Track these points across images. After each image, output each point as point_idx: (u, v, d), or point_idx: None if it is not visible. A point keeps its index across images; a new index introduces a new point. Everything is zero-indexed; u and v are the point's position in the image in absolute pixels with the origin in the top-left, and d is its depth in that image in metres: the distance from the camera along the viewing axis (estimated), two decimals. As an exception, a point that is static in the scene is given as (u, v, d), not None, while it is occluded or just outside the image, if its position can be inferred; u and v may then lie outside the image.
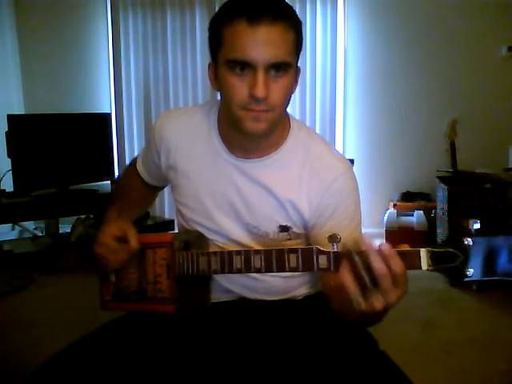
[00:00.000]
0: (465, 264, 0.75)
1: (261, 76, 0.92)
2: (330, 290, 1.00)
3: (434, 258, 0.77)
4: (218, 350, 1.10)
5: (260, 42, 0.91)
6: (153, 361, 1.04)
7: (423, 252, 0.78)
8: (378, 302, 0.77)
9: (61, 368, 0.98)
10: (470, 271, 0.75)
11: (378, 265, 0.76)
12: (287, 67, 0.96)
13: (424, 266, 0.77)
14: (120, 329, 1.11)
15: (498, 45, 3.72)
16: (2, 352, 2.18)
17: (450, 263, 0.76)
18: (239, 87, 0.94)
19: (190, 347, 1.10)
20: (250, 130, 0.98)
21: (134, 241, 1.07)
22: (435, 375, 1.96)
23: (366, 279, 0.77)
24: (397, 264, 0.76)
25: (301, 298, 1.18)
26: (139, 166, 1.28)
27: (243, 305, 1.15)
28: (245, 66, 0.93)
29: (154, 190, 1.36)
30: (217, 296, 1.16)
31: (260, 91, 0.92)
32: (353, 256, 0.79)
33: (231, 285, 1.14)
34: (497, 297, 2.66)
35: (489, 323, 2.42)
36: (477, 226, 0.75)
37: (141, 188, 1.32)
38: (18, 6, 4.18)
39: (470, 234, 0.75)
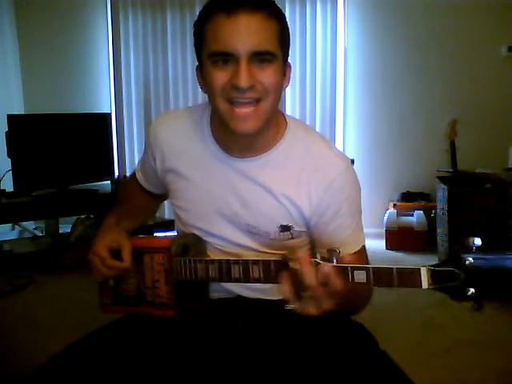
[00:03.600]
0: (466, 283, 0.74)
1: (243, 65, 0.91)
2: None
3: (434, 277, 0.76)
4: (216, 350, 1.10)
5: (240, 31, 0.91)
6: (151, 361, 1.04)
7: (424, 271, 0.77)
8: (310, 309, 0.83)
9: (60, 369, 0.98)
10: (471, 291, 0.74)
11: (308, 277, 0.80)
12: (272, 58, 0.94)
13: (425, 284, 0.77)
14: (119, 329, 1.11)
15: (498, 45, 3.72)
16: (1, 352, 2.18)
17: (450, 282, 0.75)
18: (221, 78, 0.94)
19: (189, 346, 1.09)
20: (238, 131, 0.96)
21: (126, 260, 1.07)
22: (435, 375, 1.96)
23: (299, 288, 0.82)
24: (329, 279, 0.80)
25: (301, 297, 1.18)
26: (138, 174, 1.27)
27: (241, 303, 1.15)
28: (228, 58, 0.92)
29: (155, 199, 1.34)
30: (214, 294, 1.16)
31: (243, 80, 0.91)
32: (288, 266, 0.84)
33: (229, 284, 1.13)
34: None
35: (489, 323, 2.42)
36: (478, 242, 0.74)
37: (141, 195, 1.30)
38: (18, 6, 4.19)
39: (471, 251, 0.74)
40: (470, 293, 0.74)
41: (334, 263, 0.84)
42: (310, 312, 0.83)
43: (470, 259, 0.73)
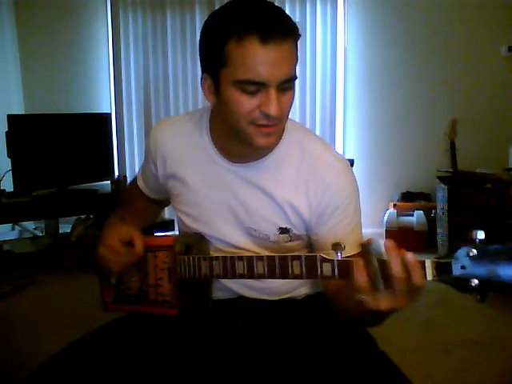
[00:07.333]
0: (470, 275, 0.74)
1: (274, 94, 0.92)
2: (335, 287, 1.00)
3: (438, 269, 0.77)
4: (217, 350, 1.10)
5: (273, 62, 0.90)
6: (151, 360, 1.04)
7: (428, 263, 0.77)
8: (385, 303, 0.79)
9: (60, 368, 0.98)
10: (475, 282, 0.74)
11: (397, 269, 0.76)
12: (293, 80, 0.96)
13: (429, 276, 0.77)
14: (119, 329, 1.11)
15: (498, 45, 3.72)
16: (1, 352, 2.18)
17: (454, 274, 0.75)
18: (248, 104, 0.93)
19: (189, 346, 1.10)
20: (261, 146, 0.98)
21: (139, 246, 1.07)
22: (435, 375, 1.96)
23: (381, 280, 0.78)
24: (418, 274, 0.77)
25: (301, 297, 1.18)
26: (140, 181, 1.28)
27: (242, 304, 1.15)
28: (258, 87, 0.92)
29: (157, 205, 1.35)
30: (215, 294, 1.16)
31: (274, 110, 0.92)
32: (372, 257, 0.79)
33: (231, 283, 1.14)
34: (497, 297, 2.66)
35: (488, 323, 2.42)
36: (481, 236, 0.74)
37: (143, 202, 1.31)
38: (18, 6, 4.18)
39: (474, 244, 0.74)
40: (473, 284, 0.74)
41: (339, 258, 0.84)
42: (383, 307, 0.79)
43: (474, 251, 0.73)
